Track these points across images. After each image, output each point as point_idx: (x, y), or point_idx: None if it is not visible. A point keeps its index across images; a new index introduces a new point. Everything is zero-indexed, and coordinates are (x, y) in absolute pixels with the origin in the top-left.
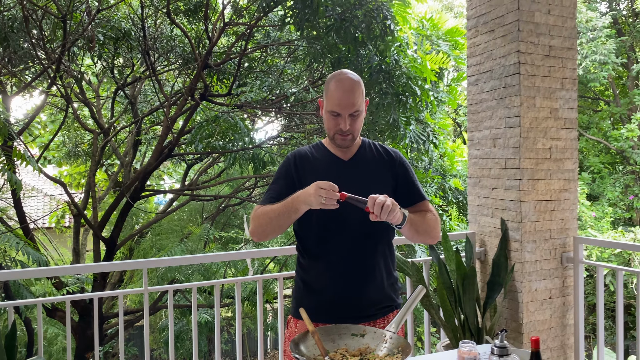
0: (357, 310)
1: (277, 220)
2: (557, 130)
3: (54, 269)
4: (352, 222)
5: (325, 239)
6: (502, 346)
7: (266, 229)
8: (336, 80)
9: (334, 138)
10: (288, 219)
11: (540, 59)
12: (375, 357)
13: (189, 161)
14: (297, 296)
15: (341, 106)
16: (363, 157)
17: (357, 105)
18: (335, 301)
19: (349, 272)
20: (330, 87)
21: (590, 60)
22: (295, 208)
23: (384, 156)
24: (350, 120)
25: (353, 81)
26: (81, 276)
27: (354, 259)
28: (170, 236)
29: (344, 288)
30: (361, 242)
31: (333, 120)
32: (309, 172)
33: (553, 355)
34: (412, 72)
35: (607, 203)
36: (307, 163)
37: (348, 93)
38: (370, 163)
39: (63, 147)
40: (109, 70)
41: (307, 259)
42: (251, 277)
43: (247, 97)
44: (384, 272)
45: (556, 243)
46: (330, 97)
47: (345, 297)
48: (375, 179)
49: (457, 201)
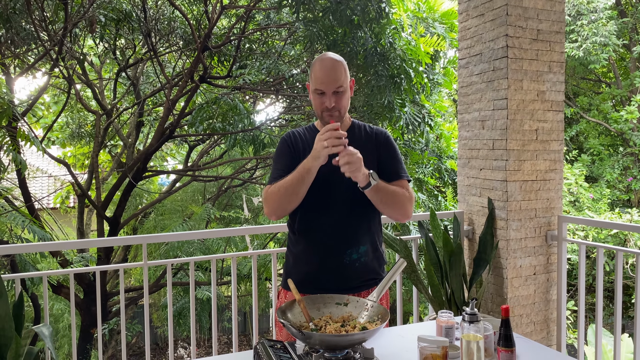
0: (341, 282)
1: (292, 188)
2: (544, 113)
3: (56, 243)
4: (338, 199)
5: (312, 215)
6: (472, 313)
7: (283, 202)
8: (319, 60)
9: (323, 117)
10: (302, 184)
11: (528, 43)
12: (356, 323)
13: (191, 143)
14: (286, 269)
15: (325, 84)
16: (352, 139)
17: (340, 82)
18: (320, 274)
19: (333, 246)
20: (315, 68)
21: (590, 42)
22: (307, 169)
23: (372, 137)
24: (334, 97)
25: (335, 60)
26: (85, 254)
27: (338, 235)
28: (173, 216)
29: (328, 261)
30: (346, 218)
31: (319, 99)
32: (303, 153)
33: (536, 329)
34: (407, 54)
35: (605, 185)
36: (300, 143)
37: (330, 71)
38: (359, 145)
39: (67, 129)
40: (111, 51)
41: (296, 233)
42: (246, 253)
43: (245, 79)
44: (369, 247)
45: (541, 222)
46: (314, 78)
47: (329, 269)
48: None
49: (453, 182)
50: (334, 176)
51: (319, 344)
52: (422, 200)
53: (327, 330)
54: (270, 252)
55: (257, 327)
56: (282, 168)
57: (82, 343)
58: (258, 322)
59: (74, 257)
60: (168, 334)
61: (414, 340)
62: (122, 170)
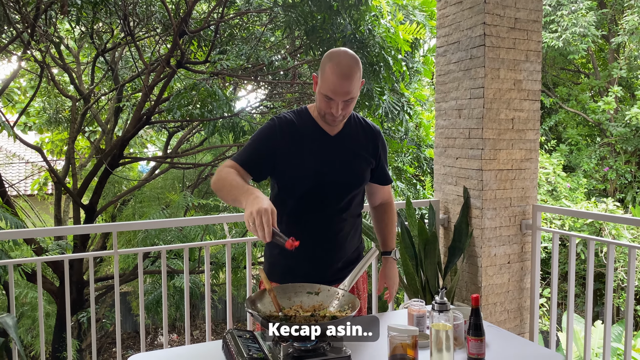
0: (328, 275)
1: (227, 194)
2: (520, 102)
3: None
4: (330, 200)
5: (303, 213)
6: (442, 302)
7: (221, 194)
8: (334, 64)
9: (324, 117)
10: (235, 203)
11: (506, 31)
12: (326, 312)
13: (170, 129)
14: (271, 260)
15: (335, 93)
16: (348, 134)
17: (352, 93)
18: (306, 268)
19: (322, 243)
20: (327, 70)
21: (570, 33)
22: (240, 203)
23: (368, 135)
24: (343, 105)
25: (351, 67)
26: (62, 242)
27: (327, 232)
28: (153, 204)
29: (314, 255)
30: (335, 216)
31: (325, 102)
32: (293, 142)
33: (510, 317)
34: (386, 42)
35: (582, 174)
36: (293, 132)
37: (344, 81)
38: (355, 140)
39: (43, 114)
40: (88, 35)
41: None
42: (220, 241)
43: (223, 64)
44: (355, 242)
45: (516, 211)
46: (325, 80)
47: (316, 264)
48: (358, 157)
49: (432, 171)
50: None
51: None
52: (400, 189)
53: (297, 319)
54: (245, 240)
55: (230, 315)
56: (249, 154)
57: (59, 332)
58: (237, 310)
59: (50, 244)
60: (140, 321)
61: (385, 329)
62: (99, 157)
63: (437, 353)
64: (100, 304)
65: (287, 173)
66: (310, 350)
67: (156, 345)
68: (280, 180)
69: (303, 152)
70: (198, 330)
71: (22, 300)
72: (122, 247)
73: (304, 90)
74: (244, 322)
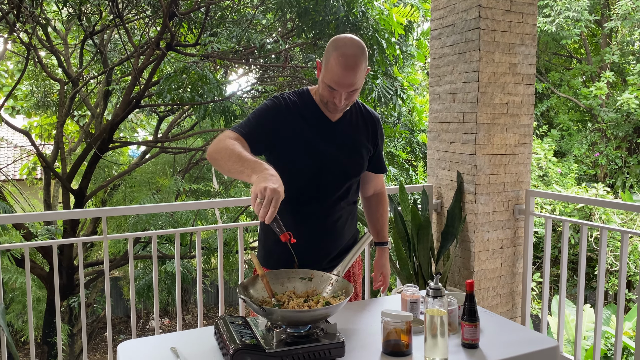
0: (324, 263)
1: (232, 165)
2: (515, 86)
3: (14, 216)
4: (329, 187)
5: (302, 199)
6: (436, 288)
7: (220, 163)
8: (339, 53)
9: (327, 104)
10: (237, 175)
11: (501, 14)
12: (319, 298)
13: (160, 113)
14: (267, 246)
15: (339, 84)
16: (349, 120)
17: (357, 85)
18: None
19: (319, 230)
20: (331, 60)
21: (563, 17)
22: (247, 176)
23: (368, 122)
24: (346, 95)
25: (356, 58)
26: (51, 227)
27: (325, 219)
28: (143, 189)
29: (313, 244)
30: (334, 204)
31: (329, 92)
32: (295, 123)
33: (502, 302)
34: (379, 24)
35: (573, 160)
36: (295, 113)
37: (348, 72)
38: (355, 127)
39: (31, 97)
40: (76, 17)
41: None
42: (212, 227)
43: (214, 47)
44: (352, 230)
45: (509, 196)
46: (329, 70)
47: (313, 251)
48: (357, 144)
49: (424, 156)
50: (326, 167)
51: (281, 320)
52: (393, 174)
53: (290, 305)
54: (237, 225)
55: (222, 301)
56: (251, 128)
57: (49, 317)
58: (229, 294)
59: (39, 229)
60: (130, 307)
61: (379, 314)
62: (88, 142)
63: (431, 339)
64: (91, 289)
65: (286, 156)
66: (303, 336)
67: (147, 330)
68: (278, 163)
69: (303, 136)
70: (190, 315)
71: (12, 285)
72: (112, 232)
73: (295, 74)
74: (235, 306)
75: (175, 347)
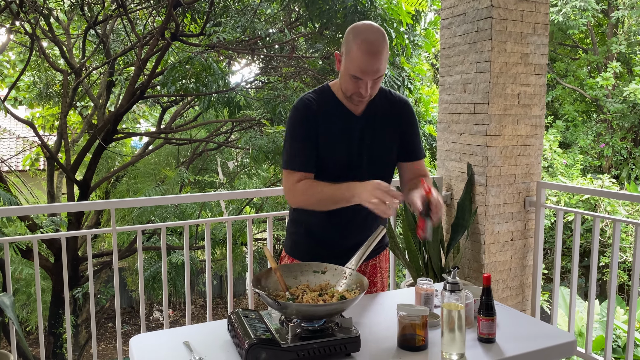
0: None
1: (326, 203)
2: (527, 76)
3: (21, 208)
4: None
5: None
6: (454, 282)
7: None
8: (361, 40)
9: (351, 97)
10: (336, 205)
11: (513, 3)
12: (334, 292)
13: (164, 104)
14: (295, 238)
15: (365, 72)
16: (374, 112)
17: (382, 70)
18: (334, 248)
19: (350, 224)
20: (353, 48)
21: (570, 7)
22: (347, 199)
23: (393, 110)
24: (371, 83)
25: (380, 43)
26: (56, 219)
27: (356, 215)
28: (147, 180)
29: (343, 236)
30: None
31: (353, 83)
32: (321, 123)
33: (512, 294)
34: (388, 13)
35: (578, 151)
36: (319, 113)
37: (374, 58)
38: (381, 118)
39: (34, 88)
40: (78, 7)
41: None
42: (221, 219)
43: (219, 37)
44: (378, 222)
45: (520, 187)
46: (352, 59)
47: (343, 244)
48: (384, 135)
49: (431, 147)
50: (355, 163)
51: (296, 314)
52: None
53: (304, 299)
54: (246, 217)
55: (231, 293)
56: (304, 153)
57: (55, 308)
58: (234, 286)
59: (44, 220)
60: (139, 298)
61: (393, 308)
62: (92, 132)
63: (448, 333)
64: (95, 280)
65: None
66: (318, 330)
67: (151, 320)
68: None
69: (330, 134)
70: (193, 306)
71: (17, 276)
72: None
73: (300, 64)
74: (239, 297)
75: (188, 341)
